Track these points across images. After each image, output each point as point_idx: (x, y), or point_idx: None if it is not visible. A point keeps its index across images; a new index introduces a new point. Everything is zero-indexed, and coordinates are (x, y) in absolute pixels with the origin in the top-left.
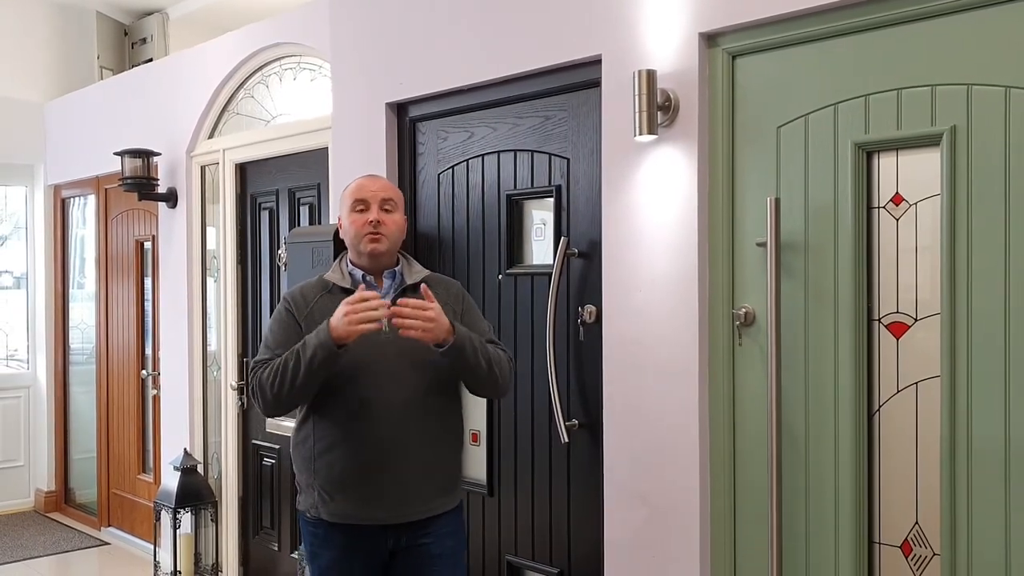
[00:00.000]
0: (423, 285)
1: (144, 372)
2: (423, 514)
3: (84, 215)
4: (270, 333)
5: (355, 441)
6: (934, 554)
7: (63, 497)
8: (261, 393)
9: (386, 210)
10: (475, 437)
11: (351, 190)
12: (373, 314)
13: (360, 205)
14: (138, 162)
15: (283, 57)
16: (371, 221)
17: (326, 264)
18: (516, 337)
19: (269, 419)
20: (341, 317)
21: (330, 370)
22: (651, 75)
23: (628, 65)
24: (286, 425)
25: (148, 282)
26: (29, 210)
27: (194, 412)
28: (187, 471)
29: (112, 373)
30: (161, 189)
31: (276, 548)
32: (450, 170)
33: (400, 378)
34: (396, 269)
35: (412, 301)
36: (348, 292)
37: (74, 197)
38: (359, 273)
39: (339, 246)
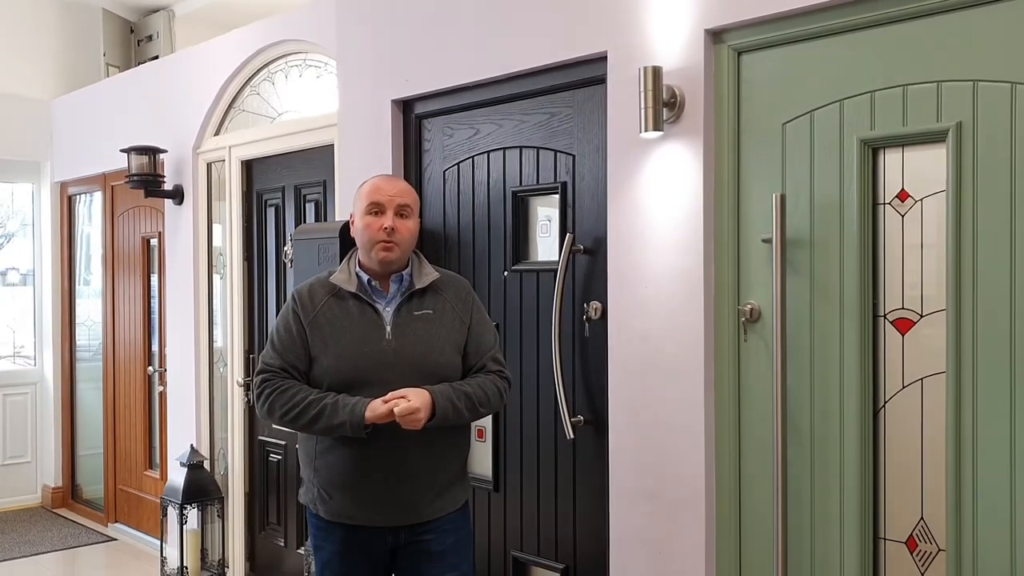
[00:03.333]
0: (387, 397)
1: (151, 369)
2: (422, 518)
3: (90, 212)
4: (277, 335)
5: (356, 444)
6: (939, 550)
7: (70, 493)
8: (268, 408)
9: (401, 216)
10: (480, 433)
11: (367, 190)
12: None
13: (375, 208)
14: (144, 159)
15: (289, 54)
16: (385, 228)
17: (332, 261)
18: (521, 333)
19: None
20: (380, 413)
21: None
22: (657, 72)
23: (634, 62)
24: None
25: (154, 279)
26: (36, 207)
27: (200, 408)
28: (193, 467)
29: (119, 370)
30: (167, 186)
31: (282, 544)
32: (456, 167)
33: (403, 385)
34: (404, 273)
35: (399, 409)
36: (355, 296)
37: (81, 194)
38: (365, 278)
39: (346, 243)
